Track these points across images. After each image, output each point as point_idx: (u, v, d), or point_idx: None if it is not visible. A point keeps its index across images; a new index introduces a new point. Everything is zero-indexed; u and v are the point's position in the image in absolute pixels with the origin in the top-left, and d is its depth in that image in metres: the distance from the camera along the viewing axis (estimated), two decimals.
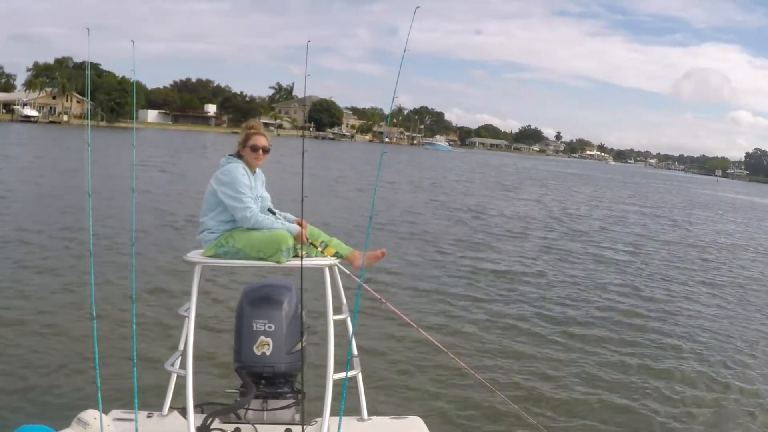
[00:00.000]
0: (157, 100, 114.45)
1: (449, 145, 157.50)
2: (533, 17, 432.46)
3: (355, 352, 3.71)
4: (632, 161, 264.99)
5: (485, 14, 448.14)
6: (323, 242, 3.83)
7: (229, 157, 3.83)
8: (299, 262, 3.47)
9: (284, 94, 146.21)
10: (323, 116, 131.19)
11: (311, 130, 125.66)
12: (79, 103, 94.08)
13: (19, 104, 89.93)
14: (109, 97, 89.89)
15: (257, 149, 3.81)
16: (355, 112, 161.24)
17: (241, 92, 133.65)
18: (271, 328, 3.63)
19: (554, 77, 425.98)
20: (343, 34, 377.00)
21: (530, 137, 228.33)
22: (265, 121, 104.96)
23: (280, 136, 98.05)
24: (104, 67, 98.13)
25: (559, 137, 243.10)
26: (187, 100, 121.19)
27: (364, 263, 3.70)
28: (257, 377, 3.63)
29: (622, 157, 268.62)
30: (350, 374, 3.43)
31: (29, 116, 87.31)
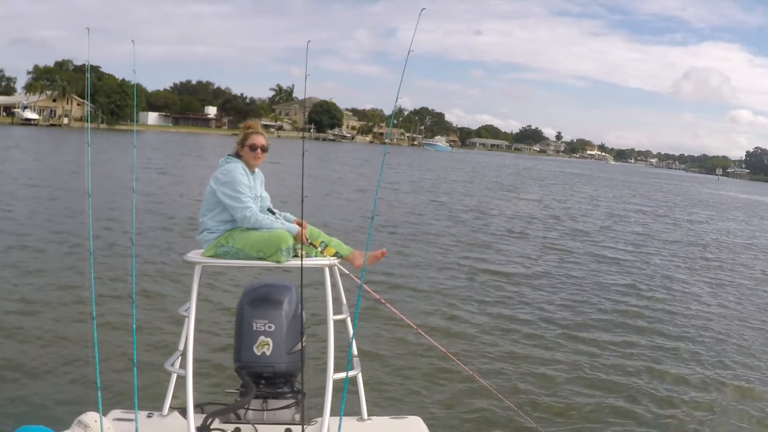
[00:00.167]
0: (157, 102, 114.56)
1: (449, 145, 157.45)
2: (533, 17, 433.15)
3: (355, 352, 3.70)
4: (633, 161, 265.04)
5: (485, 15, 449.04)
6: (323, 242, 3.83)
7: (228, 157, 3.83)
8: (299, 262, 3.47)
9: (284, 95, 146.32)
10: (324, 118, 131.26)
11: (311, 131, 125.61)
12: (79, 105, 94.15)
13: (19, 107, 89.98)
14: (109, 99, 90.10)
15: (256, 148, 3.80)
16: (355, 113, 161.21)
17: (241, 94, 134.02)
18: (271, 328, 3.63)
19: (554, 77, 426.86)
20: (343, 35, 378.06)
21: (531, 137, 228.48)
22: (265, 122, 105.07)
23: (280, 137, 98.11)
24: (104, 69, 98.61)
25: (559, 137, 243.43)
26: (187, 102, 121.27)
27: (365, 263, 3.69)
28: (257, 377, 3.63)
29: (622, 156, 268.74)
30: (350, 374, 3.42)
31: (29, 119, 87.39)
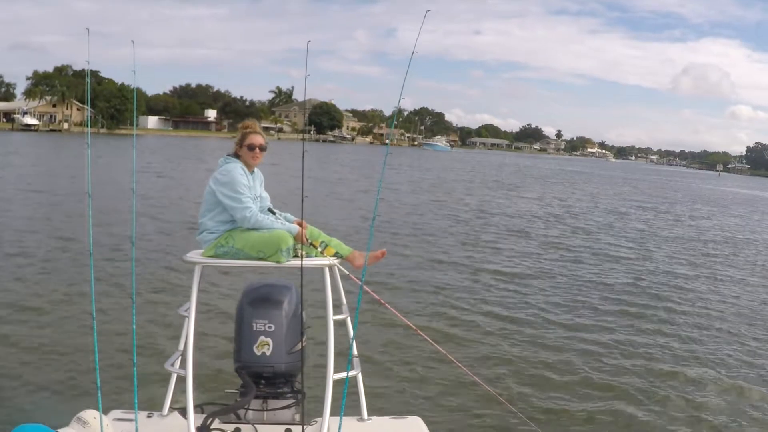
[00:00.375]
0: (157, 106, 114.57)
1: (449, 145, 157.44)
2: (531, 16, 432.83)
3: (355, 352, 3.69)
4: (633, 158, 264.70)
5: (484, 14, 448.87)
6: (323, 242, 3.82)
7: (227, 157, 3.82)
8: (299, 262, 3.47)
9: (284, 97, 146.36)
10: (323, 119, 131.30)
11: (312, 133, 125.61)
12: (79, 110, 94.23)
13: (19, 113, 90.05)
14: (108, 104, 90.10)
15: (254, 148, 3.79)
16: (355, 114, 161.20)
17: (240, 97, 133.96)
18: (271, 328, 3.62)
19: (554, 76, 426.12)
20: (341, 36, 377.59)
21: (531, 136, 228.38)
22: (265, 125, 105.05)
23: (280, 140, 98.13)
24: (104, 74, 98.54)
25: (559, 135, 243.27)
26: (186, 105, 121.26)
27: (366, 263, 3.68)
28: (257, 377, 3.62)
29: (623, 153, 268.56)
30: (350, 374, 3.41)
31: (29, 125, 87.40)
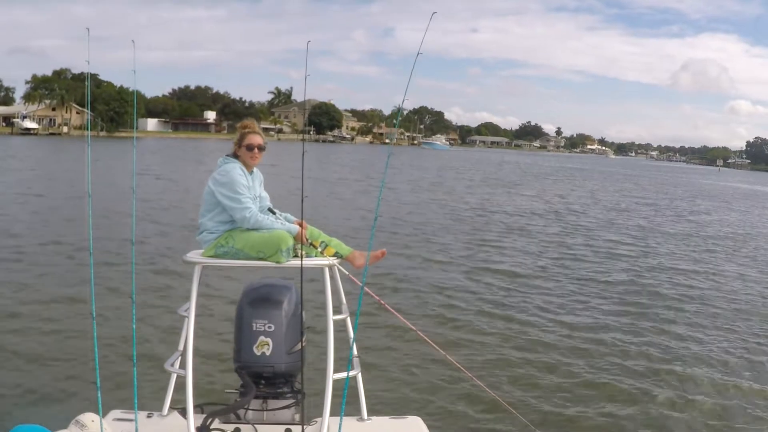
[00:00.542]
0: (156, 108, 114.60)
1: (449, 144, 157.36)
2: (529, 14, 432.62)
3: (355, 352, 3.69)
4: (633, 154, 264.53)
5: (482, 12, 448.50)
6: (323, 242, 3.81)
7: (226, 157, 3.82)
8: (299, 262, 3.47)
9: (283, 98, 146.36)
10: (323, 119, 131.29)
11: (311, 133, 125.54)
12: (78, 114, 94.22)
13: (18, 117, 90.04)
14: (108, 107, 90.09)
15: (252, 148, 3.79)
16: (354, 114, 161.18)
17: (240, 98, 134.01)
18: (271, 328, 3.62)
19: (552, 73, 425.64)
20: (340, 36, 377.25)
21: (530, 134, 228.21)
22: (265, 126, 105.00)
23: (280, 140, 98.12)
24: (103, 77, 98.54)
25: (559, 133, 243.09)
26: (186, 107, 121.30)
27: (368, 263, 3.67)
28: (257, 377, 3.62)
29: (623, 150, 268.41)
30: (350, 374, 3.41)
31: (29, 129, 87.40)
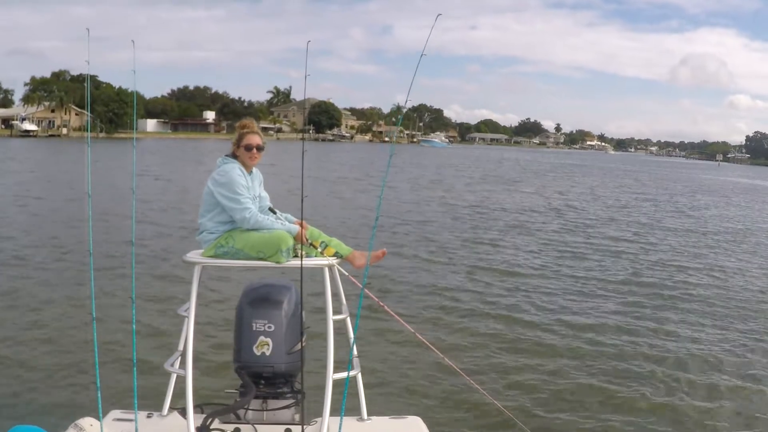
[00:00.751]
0: (155, 109, 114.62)
1: (449, 141, 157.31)
2: (528, 10, 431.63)
3: (355, 352, 3.69)
4: (633, 150, 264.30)
5: (480, 9, 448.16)
6: (323, 242, 3.81)
7: (225, 158, 3.81)
8: (299, 262, 3.47)
9: (282, 97, 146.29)
10: (322, 118, 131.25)
11: (311, 132, 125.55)
12: (77, 115, 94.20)
13: (17, 119, 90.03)
14: (107, 108, 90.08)
15: (251, 148, 3.78)
16: (353, 112, 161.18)
17: (239, 98, 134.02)
18: (270, 328, 3.62)
19: (551, 69, 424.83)
20: (338, 35, 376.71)
21: (530, 130, 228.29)
22: (264, 125, 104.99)
23: (279, 140, 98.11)
24: (102, 78, 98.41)
25: (558, 129, 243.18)
26: (185, 108, 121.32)
27: (369, 262, 3.67)
28: (257, 377, 3.62)
29: (622, 146, 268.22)
30: (350, 374, 3.42)
31: (28, 131, 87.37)
